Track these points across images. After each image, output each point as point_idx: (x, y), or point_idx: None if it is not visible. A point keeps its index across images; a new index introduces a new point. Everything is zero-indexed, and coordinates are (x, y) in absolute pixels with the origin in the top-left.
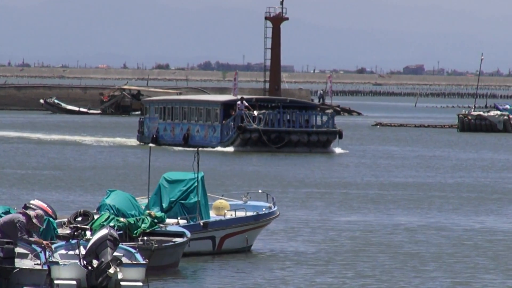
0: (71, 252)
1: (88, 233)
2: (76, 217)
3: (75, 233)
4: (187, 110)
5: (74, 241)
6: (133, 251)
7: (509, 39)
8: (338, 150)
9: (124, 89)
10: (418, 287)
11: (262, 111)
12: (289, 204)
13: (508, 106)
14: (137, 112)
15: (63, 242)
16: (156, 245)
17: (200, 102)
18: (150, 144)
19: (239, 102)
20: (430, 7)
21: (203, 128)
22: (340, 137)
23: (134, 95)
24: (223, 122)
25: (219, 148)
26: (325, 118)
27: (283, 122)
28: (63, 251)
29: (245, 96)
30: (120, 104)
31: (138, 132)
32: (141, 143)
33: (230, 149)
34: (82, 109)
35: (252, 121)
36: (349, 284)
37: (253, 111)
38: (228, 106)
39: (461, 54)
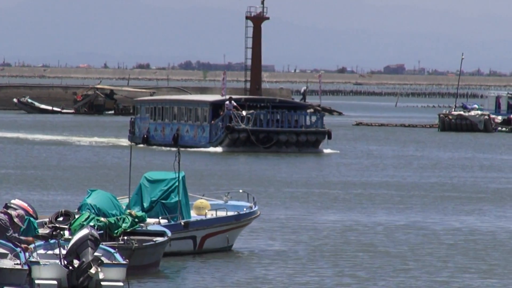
0: (50, 252)
1: (66, 232)
2: (57, 217)
3: (54, 233)
4: (177, 110)
5: (52, 241)
6: (112, 251)
7: (490, 39)
8: (327, 150)
9: (97, 89)
10: (398, 286)
11: (251, 111)
12: (270, 204)
13: (476, 106)
14: (110, 112)
15: (42, 242)
16: (136, 245)
17: (189, 102)
18: (132, 143)
19: (227, 102)
20: (410, 6)
21: (192, 128)
22: (329, 137)
23: (107, 95)
24: (212, 122)
25: (207, 149)
26: (314, 118)
27: (272, 122)
28: (42, 251)
29: (234, 96)
30: (93, 104)
31: (130, 132)
32: (132, 143)
33: (219, 149)
34: (55, 109)
35: (240, 121)
36: (329, 282)
37: (241, 111)
38: (217, 106)
39: (441, 54)
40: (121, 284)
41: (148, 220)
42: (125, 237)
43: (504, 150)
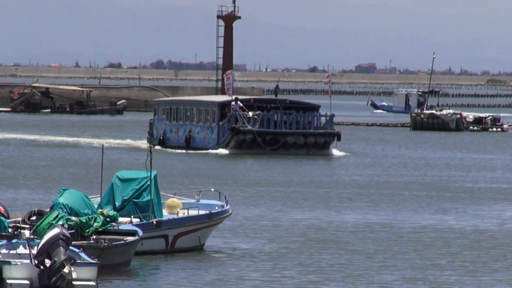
0: (13, 252)
1: (26, 232)
2: (30, 216)
3: (15, 232)
4: (189, 111)
5: (14, 241)
6: (77, 250)
7: (461, 38)
8: (336, 152)
9: (34, 87)
10: (370, 283)
11: (257, 112)
12: (243, 203)
13: (385, 103)
14: (46, 110)
15: (5, 241)
16: (105, 244)
17: (200, 103)
18: (102, 143)
19: (233, 103)
20: (381, 5)
21: (202, 129)
22: (339, 139)
23: (43, 93)
24: (220, 123)
25: (216, 151)
26: (323, 119)
27: (280, 124)
28: (4, 250)
29: (242, 97)
30: (30, 102)
31: (148, 134)
32: (151, 145)
33: (225, 151)
34: None
35: (246, 122)
36: (299, 279)
37: (247, 112)
38: (225, 107)
39: (413, 53)
40: (93, 283)
41: (120, 219)
42: (94, 236)
43: (475, 149)
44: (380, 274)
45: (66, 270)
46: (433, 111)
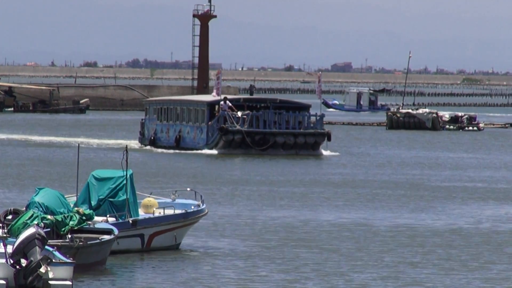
0: None
1: (0, 231)
2: (6, 215)
3: None
4: (179, 111)
5: None
6: (51, 249)
7: (437, 37)
8: (326, 152)
9: None
10: (346, 282)
11: (246, 112)
12: (219, 202)
13: (336, 102)
14: (10, 109)
15: None
16: (80, 243)
17: (189, 103)
18: (78, 141)
19: (222, 102)
20: (358, 4)
21: (192, 129)
22: (329, 139)
23: (6, 92)
24: (209, 123)
25: (205, 151)
26: (313, 119)
27: (269, 123)
28: None
29: (232, 97)
30: None
31: (140, 134)
32: (142, 145)
33: (214, 151)
34: None
35: (235, 122)
36: (275, 277)
37: (236, 112)
38: (214, 107)
39: (389, 52)
40: (69, 283)
41: (96, 218)
42: (69, 235)
43: (450, 148)
44: (356, 273)
45: (42, 270)
46: (409, 110)
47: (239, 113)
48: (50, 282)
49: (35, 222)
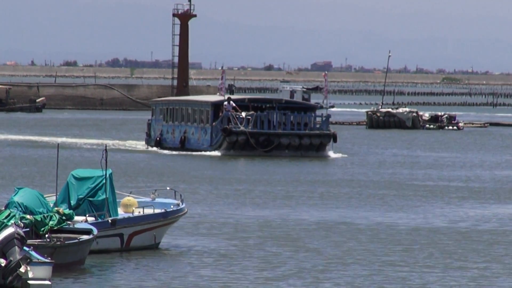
0: None
1: None
2: None
3: None
4: (185, 112)
5: None
6: (27, 249)
7: (416, 36)
8: (332, 154)
9: None
10: (325, 280)
11: (250, 112)
12: (199, 201)
13: None
14: None
15: None
16: (57, 243)
17: (194, 103)
18: (59, 141)
19: (226, 103)
20: (337, 4)
21: (197, 130)
22: (335, 140)
23: None
24: (213, 124)
25: (209, 152)
26: (318, 119)
27: (274, 124)
28: None
29: (236, 97)
30: None
31: (146, 135)
32: (149, 147)
33: (217, 153)
34: None
35: (239, 123)
36: (254, 276)
37: (240, 112)
38: (219, 107)
39: (368, 51)
40: (48, 282)
41: (76, 218)
42: (46, 235)
43: (430, 147)
44: (334, 271)
45: (22, 269)
46: (390, 109)
47: (243, 114)
48: (30, 282)
49: (12, 221)
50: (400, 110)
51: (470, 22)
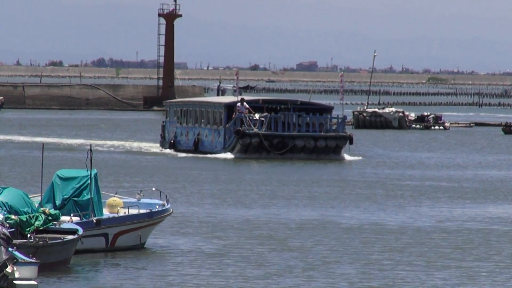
0: None
1: None
2: None
3: None
4: (198, 113)
5: None
6: (10, 249)
7: (402, 36)
8: (348, 157)
9: None
10: (314, 278)
11: (264, 114)
12: (185, 201)
13: None
14: None
15: None
16: (40, 242)
17: (208, 104)
18: (41, 140)
19: (239, 104)
20: (322, 4)
21: (210, 132)
22: (351, 142)
23: None
24: (227, 126)
25: (222, 155)
26: (334, 121)
27: (288, 126)
28: None
29: (250, 98)
30: None
31: (161, 137)
32: (163, 149)
33: (230, 156)
34: None
35: (252, 124)
36: (241, 275)
37: (254, 114)
38: (231, 108)
39: (354, 51)
40: (34, 282)
41: (62, 218)
42: (30, 235)
43: (416, 147)
44: (323, 270)
45: (9, 269)
46: (376, 109)
47: (257, 115)
48: (16, 282)
49: None
50: (387, 110)
51: (455, 22)
